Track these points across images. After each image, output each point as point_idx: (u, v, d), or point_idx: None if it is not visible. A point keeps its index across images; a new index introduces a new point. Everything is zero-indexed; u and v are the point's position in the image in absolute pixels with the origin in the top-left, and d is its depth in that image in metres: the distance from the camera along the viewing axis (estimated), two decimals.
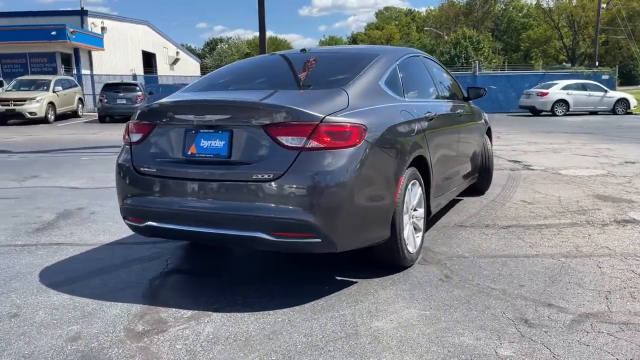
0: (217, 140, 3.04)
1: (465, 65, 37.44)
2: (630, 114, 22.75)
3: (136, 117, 3.38)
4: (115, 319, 2.83)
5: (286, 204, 2.86)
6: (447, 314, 2.84)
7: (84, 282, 3.40)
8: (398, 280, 3.33)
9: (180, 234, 3.27)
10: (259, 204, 2.89)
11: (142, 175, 3.24)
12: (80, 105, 22.99)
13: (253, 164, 2.93)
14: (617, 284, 3.21)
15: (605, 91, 22.86)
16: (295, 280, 3.41)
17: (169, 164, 3.18)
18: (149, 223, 3.23)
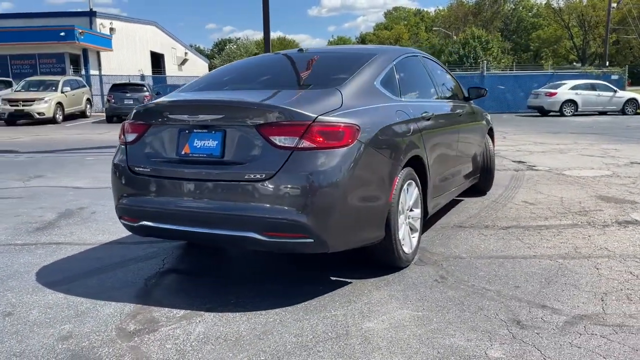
0: (210, 140, 3.04)
1: (474, 65, 37.29)
2: (639, 114, 22.54)
3: (131, 117, 3.40)
4: (108, 318, 2.84)
5: (278, 204, 2.85)
6: (440, 315, 2.82)
7: (80, 282, 3.42)
8: (393, 281, 3.32)
9: (174, 234, 3.28)
10: (251, 204, 2.89)
11: (137, 175, 3.26)
12: (88, 106, 23.18)
13: (245, 164, 2.93)
14: (614, 286, 3.17)
15: (615, 91, 22.65)
16: (290, 280, 3.41)
17: (163, 163, 3.19)
18: (143, 223, 3.24)
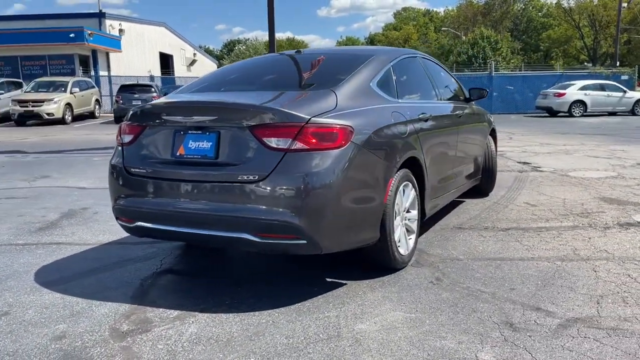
0: (205, 141, 3.05)
1: (483, 65, 37.09)
2: None
3: (128, 118, 3.42)
4: (102, 319, 2.86)
5: (271, 205, 2.86)
6: (433, 317, 2.81)
7: (78, 282, 3.45)
8: (388, 283, 3.31)
9: (169, 235, 3.29)
10: (244, 205, 2.90)
11: (133, 176, 3.27)
12: (97, 106, 23.35)
13: (239, 165, 2.94)
14: (611, 289, 3.14)
15: (625, 91, 22.46)
16: (286, 281, 3.41)
17: (159, 164, 3.20)
18: (138, 223, 3.26)
